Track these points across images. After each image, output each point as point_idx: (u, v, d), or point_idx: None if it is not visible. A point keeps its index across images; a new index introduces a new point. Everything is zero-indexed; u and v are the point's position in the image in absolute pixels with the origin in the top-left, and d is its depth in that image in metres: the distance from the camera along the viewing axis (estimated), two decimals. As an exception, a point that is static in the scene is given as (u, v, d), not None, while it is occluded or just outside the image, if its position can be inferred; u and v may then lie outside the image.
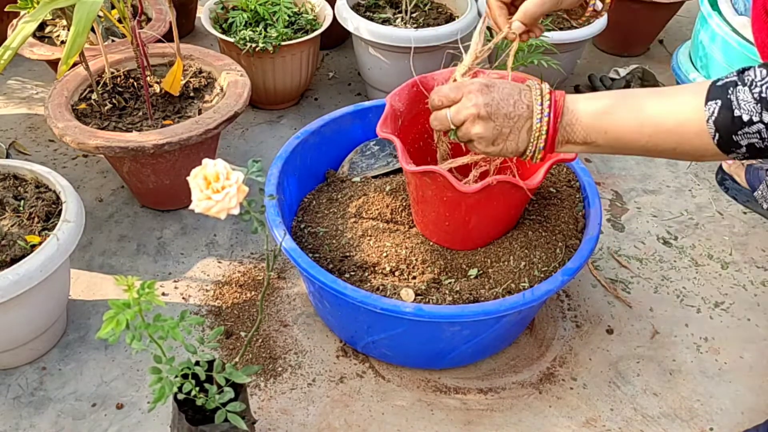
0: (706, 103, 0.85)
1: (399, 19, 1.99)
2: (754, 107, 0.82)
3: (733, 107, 0.83)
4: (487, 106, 0.94)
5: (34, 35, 1.84)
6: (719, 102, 0.84)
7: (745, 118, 0.83)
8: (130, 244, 1.60)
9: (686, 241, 1.68)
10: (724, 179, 1.83)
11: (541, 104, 0.93)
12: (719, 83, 0.86)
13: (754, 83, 0.83)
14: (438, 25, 1.97)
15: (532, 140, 0.95)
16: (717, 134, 0.85)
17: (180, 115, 1.61)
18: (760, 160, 1.80)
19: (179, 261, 1.56)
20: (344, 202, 1.42)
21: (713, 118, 0.85)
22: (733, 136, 0.84)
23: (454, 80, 1.09)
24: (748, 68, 0.85)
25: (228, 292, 1.49)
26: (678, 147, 0.89)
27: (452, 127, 0.98)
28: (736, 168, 1.81)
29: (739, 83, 0.84)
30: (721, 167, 1.85)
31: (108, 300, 0.82)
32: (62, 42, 1.88)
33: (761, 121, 0.82)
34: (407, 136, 1.32)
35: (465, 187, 1.13)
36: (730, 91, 0.84)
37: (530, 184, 1.16)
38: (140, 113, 1.61)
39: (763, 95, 0.82)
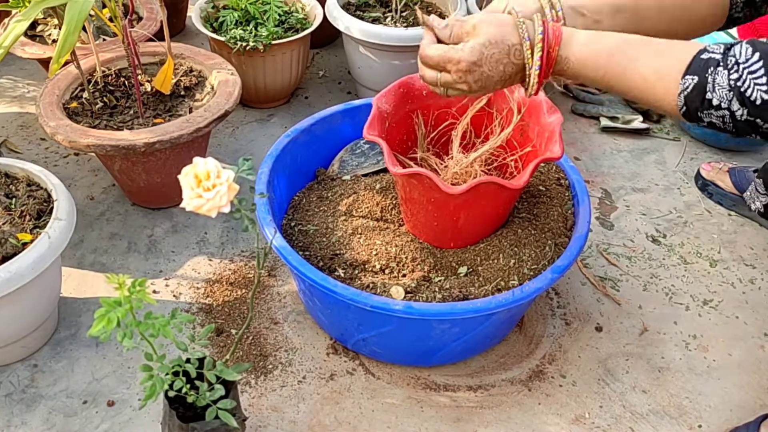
0: (683, 76, 0.86)
1: (389, 18, 2.00)
2: (726, 94, 0.83)
3: (707, 89, 0.85)
4: (477, 82, 0.98)
5: (25, 34, 1.83)
6: (696, 79, 0.85)
7: (715, 102, 0.84)
8: (121, 242, 1.61)
9: (675, 239, 1.69)
10: (705, 185, 1.81)
11: (532, 55, 0.96)
12: (703, 56, 0.86)
13: (735, 66, 0.83)
14: (429, 24, 1.98)
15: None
16: (684, 107, 0.87)
17: (171, 113, 1.61)
18: (741, 164, 1.80)
19: (170, 259, 1.57)
20: (334, 200, 1.42)
21: (685, 92, 0.86)
22: (699, 113, 0.87)
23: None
24: (736, 44, 0.85)
25: (219, 289, 1.49)
26: (644, 100, 0.92)
27: (440, 87, 1.02)
28: (716, 173, 1.78)
29: (721, 64, 0.84)
30: (700, 173, 1.83)
31: (99, 298, 0.82)
32: (54, 41, 1.88)
33: (728, 109, 0.83)
34: (395, 137, 1.33)
35: (451, 188, 1.13)
36: (710, 71, 0.85)
37: (516, 184, 1.16)
38: (131, 112, 1.61)
39: (738, 84, 0.82)
